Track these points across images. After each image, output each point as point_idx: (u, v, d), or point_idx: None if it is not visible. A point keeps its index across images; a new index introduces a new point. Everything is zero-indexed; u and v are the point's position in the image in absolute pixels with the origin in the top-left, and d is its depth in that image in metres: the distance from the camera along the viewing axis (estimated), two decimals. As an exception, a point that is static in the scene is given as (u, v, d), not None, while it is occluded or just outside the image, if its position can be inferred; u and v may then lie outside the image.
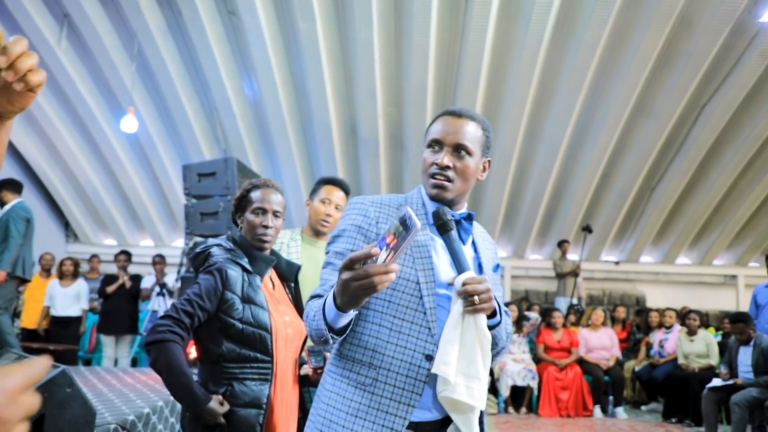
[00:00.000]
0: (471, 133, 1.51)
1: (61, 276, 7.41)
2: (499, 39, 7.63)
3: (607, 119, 8.39)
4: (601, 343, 7.32)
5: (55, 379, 2.49)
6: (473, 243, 1.59)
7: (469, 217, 1.56)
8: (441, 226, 1.46)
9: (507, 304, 7.68)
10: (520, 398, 6.99)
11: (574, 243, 10.07)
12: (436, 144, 1.51)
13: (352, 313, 1.30)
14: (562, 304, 9.07)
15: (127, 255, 7.73)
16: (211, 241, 2.25)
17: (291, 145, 9.04)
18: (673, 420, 6.64)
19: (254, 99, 8.72)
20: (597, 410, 6.86)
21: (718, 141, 8.76)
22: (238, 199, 2.27)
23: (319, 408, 1.47)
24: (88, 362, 8.03)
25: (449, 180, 1.48)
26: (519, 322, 7.33)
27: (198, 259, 2.19)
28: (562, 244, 9.61)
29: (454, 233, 1.45)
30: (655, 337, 7.57)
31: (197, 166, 6.00)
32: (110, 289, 7.35)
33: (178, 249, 8.97)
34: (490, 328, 1.49)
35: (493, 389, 7.03)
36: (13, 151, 9.79)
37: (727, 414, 6.19)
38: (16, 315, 7.69)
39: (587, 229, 9.05)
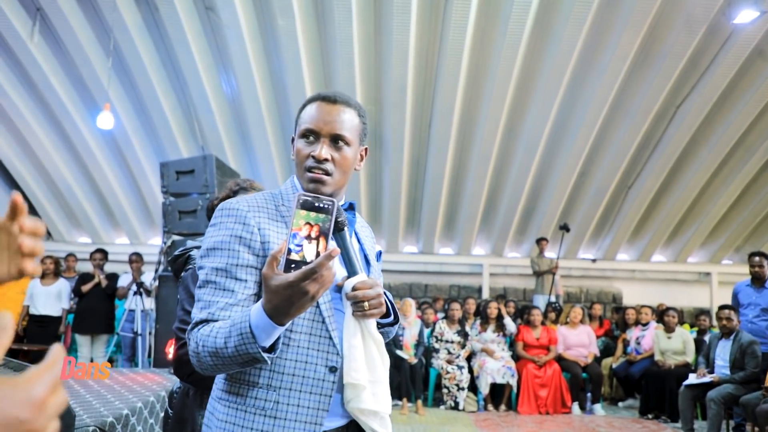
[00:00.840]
0: (349, 121, 1.40)
1: (42, 275, 7.26)
2: (479, 37, 7.65)
3: (585, 118, 8.47)
4: (579, 341, 7.39)
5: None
6: (356, 234, 1.53)
7: (350, 208, 1.48)
8: (336, 225, 1.34)
9: (487, 303, 7.71)
10: (499, 396, 7.03)
11: (552, 241, 10.15)
12: (311, 134, 1.38)
13: (287, 325, 1.17)
14: (540, 301, 9.13)
15: (103, 253, 7.60)
16: (190, 243, 2.22)
17: (269, 142, 8.97)
18: (650, 416, 6.73)
19: (232, 96, 8.63)
20: (575, 407, 6.93)
21: (693, 140, 8.90)
22: (222, 201, 2.24)
23: None
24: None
25: (328, 173, 1.37)
26: (499, 322, 7.36)
27: (177, 262, 2.16)
28: (539, 241, 9.68)
29: (346, 231, 1.37)
30: (632, 334, 7.67)
31: (175, 163, 5.93)
32: (86, 288, 7.23)
33: (155, 247, 8.84)
34: (385, 326, 1.48)
35: (473, 387, 7.06)
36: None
37: (703, 410, 6.29)
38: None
39: (564, 227, 9.14)
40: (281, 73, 8.13)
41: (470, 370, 7.08)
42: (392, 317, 1.47)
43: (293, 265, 1.08)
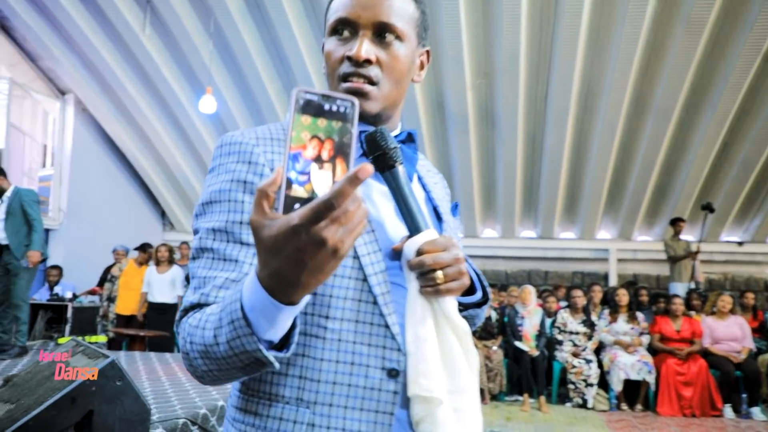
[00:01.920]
0: (400, 6, 0.97)
1: (158, 263, 7.42)
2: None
3: (729, 80, 7.35)
4: (730, 333, 6.40)
5: (103, 372, 2.18)
6: (420, 178, 1.10)
7: (410, 138, 1.04)
8: (381, 159, 0.93)
9: (615, 290, 6.93)
10: (634, 394, 6.25)
11: (690, 222, 9.05)
12: (345, 27, 0.97)
13: (302, 304, 0.72)
14: (678, 290, 8.13)
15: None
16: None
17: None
18: (822, 423, 5.69)
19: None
20: (728, 410, 6.00)
21: None
22: None
23: None
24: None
25: (372, 82, 0.96)
26: (631, 311, 6.56)
27: None
28: (675, 223, 8.61)
29: (402, 168, 0.94)
30: (795, 326, 6.56)
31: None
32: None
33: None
34: (470, 307, 1.02)
35: (603, 383, 6.34)
36: (110, 143, 10.04)
37: None
38: (111, 300, 7.81)
39: (708, 207, 8.04)
40: (385, 49, 7.74)
41: (600, 365, 6.36)
42: (479, 294, 1.01)
43: (297, 205, 0.65)
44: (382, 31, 0.96)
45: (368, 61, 0.94)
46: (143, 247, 7.87)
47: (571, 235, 10.28)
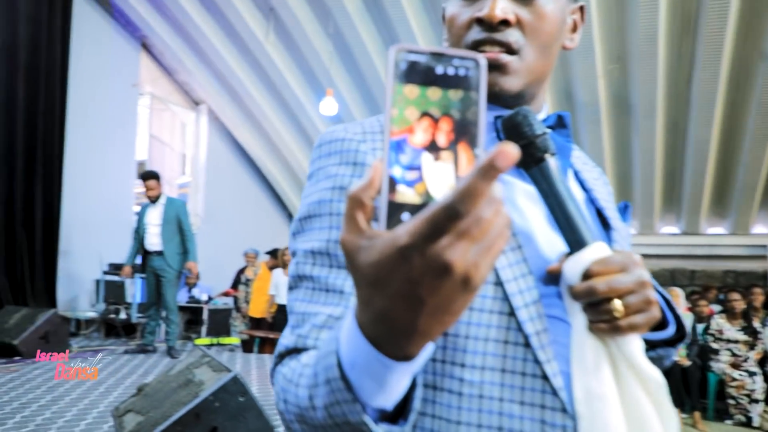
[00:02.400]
0: None
1: (284, 265, 7.59)
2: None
3: None
4: None
5: (226, 387, 2.11)
6: (576, 174, 0.86)
7: (560, 123, 0.79)
8: (524, 151, 0.69)
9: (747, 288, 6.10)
10: (810, 413, 5.45)
11: None
12: None
13: (422, 357, 0.50)
14: None
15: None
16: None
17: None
18: None
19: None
20: None
21: None
22: None
23: None
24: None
25: (512, 50, 0.74)
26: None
27: None
28: None
29: (553, 162, 0.71)
30: None
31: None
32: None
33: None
34: (659, 346, 0.77)
35: (771, 399, 5.58)
36: (240, 149, 10.50)
37: None
38: (246, 303, 8.11)
39: None
40: (508, 39, 7.39)
41: (766, 378, 5.60)
42: (673, 327, 0.77)
43: (405, 215, 0.44)
44: None
45: (506, 22, 0.73)
46: (274, 252, 8.09)
47: (720, 230, 9.29)
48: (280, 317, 7.41)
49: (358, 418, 0.52)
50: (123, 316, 7.12)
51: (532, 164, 0.70)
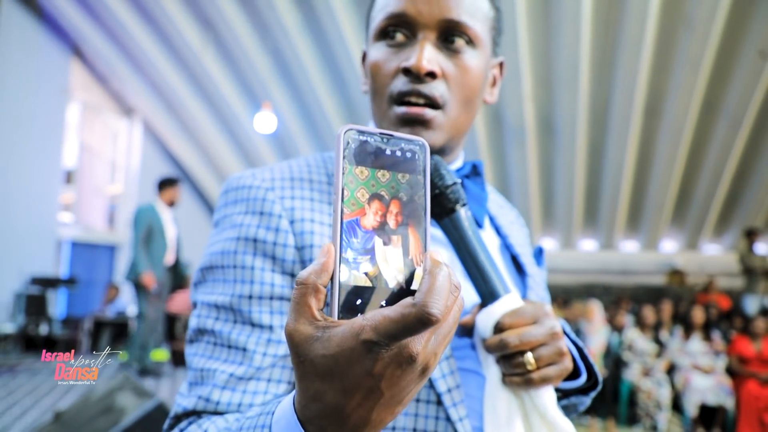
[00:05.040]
0: (472, 3, 0.76)
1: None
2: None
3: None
4: (816, 354, 5.97)
5: (150, 415, 2.17)
6: (492, 220, 0.88)
7: (475, 172, 0.82)
8: (435, 201, 0.71)
9: (690, 306, 6.58)
10: (710, 419, 5.90)
11: (766, 231, 8.56)
12: (399, 27, 0.75)
13: None
14: (752, 304, 7.67)
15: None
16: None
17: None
18: None
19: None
20: (815, 437, 5.58)
21: None
22: None
23: None
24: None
25: (435, 105, 0.74)
26: (706, 330, 6.21)
27: None
28: (750, 234, 8.14)
29: (465, 212, 0.72)
30: None
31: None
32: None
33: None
34: (571, 395, 0.77)
35: (677, 406, 6.01)
36: (173, 159, 10.34)
37: None
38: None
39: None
40: (441, 61, 7.67)
41: (672, 386, 6.03)
42: (584, 376, 0.75)
43: (359, 301, 0.45)
44: (449, 33, 0.75)
45: (432, 75, 0.73)
46: None
47: (633, 246, 9.90)
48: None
49: None
50: (45, 330, 6.87)
51: (443, 214, 0.71)
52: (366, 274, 0.45)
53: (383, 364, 0.42)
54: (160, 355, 6.08)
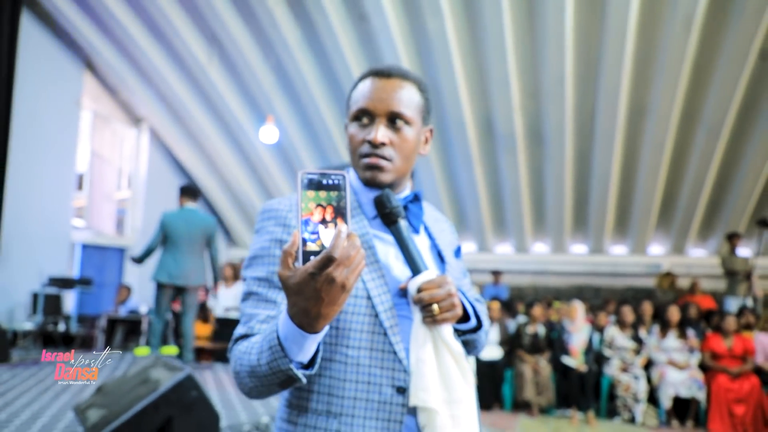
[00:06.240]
0: (408, 97, 1.19)
1: (224, 279, 7.92)
2: (646, 16, 6.97)
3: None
4: (783, 351, 6.36)
5: (181, 383, 2.59)
6: (426, 228, 1.31)
7: (415, 199, 1.26)
8: (387, 216, 1.17)
9: (666, 306, 6.98)
10: (684, 410, 6.29)
11: (747, 236, 8.93)
12: (364, 115, 1.19)
13: (324, 331, 0.97)
14: (733, 305, 8.05)
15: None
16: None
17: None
18: None
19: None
20: (781, 428, 5.96)
21: None
22: None
23: None
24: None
25: (387, 159, 1.18)
26: (682, 328, 6.60)
27: None
28: (731, 238, 8.53)
29: (403, 223, 1.18)
30: None
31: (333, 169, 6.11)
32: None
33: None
34: (464, 333, 1.23)
35: (653, 399, 6.40)
36: (180, 167, 10.77)
37: None
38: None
39: (763, 223, 7.93)
40: (434, 73, 8.08)
41: (648, 380, 6.43)
42: (474, 321, 1.22)
43: (312, 257, 0.89)
44: (394, 119, 1.18)
45: (383, 144, 1.17)
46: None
47: (622, 250, 10.26)
48: (218, 329, 7.75)
49: (287, 366, 0.96)
50: (62, 328, 7.30)
51: (391, 224, 1.17)
52: (316, 244, 0.89)
53: (319, 284, 0.87)
54: (170, 350, 6.48)
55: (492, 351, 6.95)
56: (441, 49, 7.57)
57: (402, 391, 1.09)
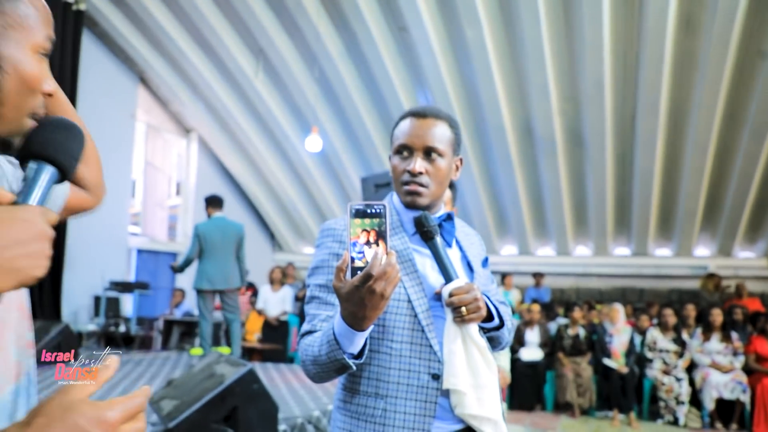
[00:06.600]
0: (440, 133, 1.42)
1: (272, 282, 8.24)
2: (683, 16, 7.00)
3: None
4: (830, 353, 6.29)
5: (244, 377, 2.86)
6: (458, 242, 1.52)
7: (448, 218, 1.48)
8: (424, 234, 1.39)
9: (709, 309, 6.97)
10: (728, 413, 6.28)
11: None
12: (404, 149, 1.42)
13: (369, 330, 1.20)
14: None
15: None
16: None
17: (467, 151, 9.13)
18: None
19: (429, 108, 8.97)
20: (828, 431, 5.91)
21: None
22: None
23: None
24: (291, 360, 8.84)
25: (423, 185, 1.40)
26: (725, 331, 6.58)
27: None
28: (779, 239, 8.42)
29: (438, 239, 1.39)
30: None
31: (374, 177, 6.33)
32: (301, 294, 8.02)
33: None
34: (489, 331, 1.44)
35: (696, 401, 6.41)
36: (228, 174, 11.20)
37: None
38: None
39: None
40: (473, 80, 8.26)
41: (692, 383, 6.44)
42: (497, 321, 1.43)
43: (359, 272, 1.09)
44: (429, 152, 1.40)
45: (420, 173, 1.39)
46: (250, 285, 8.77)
47: (667, 252, 10.20)
48: (267, 330, 8.07)
49: (341, 356, 1.18)
50: (122, 329, 7.75)
51: (428, 240, 1.39)
52: (362, 261, 1.09)
53: (363, 294, 1.08)
54: (223, 350, 6.81)
55: (533, 353, 7.07)
56: (479, 56, 7.74)
57: (436, 377, 1.31)
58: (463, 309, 1.30)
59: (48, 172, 0.69)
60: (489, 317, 1.41)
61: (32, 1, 0.75)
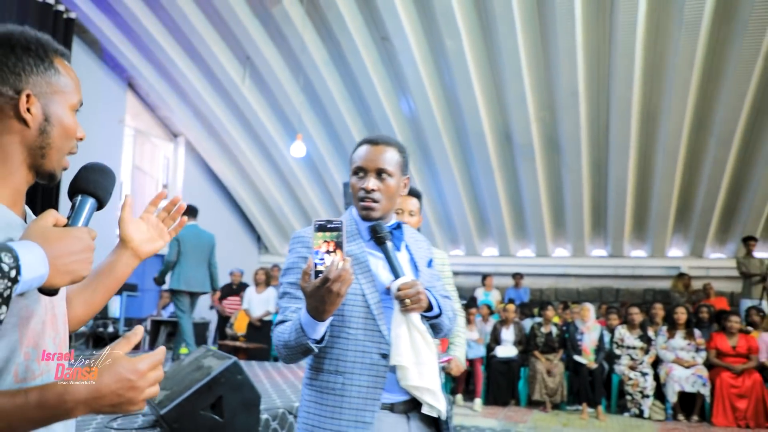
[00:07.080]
0: (390, 157, 1.68)
1: (256, 284, 8.49)
2: (652, 28, 7.35)
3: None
4: (787, 350, 6.65)
5: (229, 368, 3.12)
6: (407, 246, 1.78)
7: (398, 227, 1.74)
8: (378, 239, 1.65)
9: (674, 307, 7.30)
10: (689, 405, 6.63)
11: (763, 240, 9.18)
12: (360, 171, 1.68)
13: (328, 321, 1.47)
14: (747, 306, 8.30)
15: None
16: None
17: (448, 156, 9.44)
18: None
19: (411, 115, 9.28)
20: (783, 422, 6.26)
21: None
22: None
23: (301, 416, 1.67)
24: (276, 359, 9.08)
25: (376, 201, 1.66)
26: (689, 329, 6.93)
27: None
28: (747, 241, 8.78)
29: (389, 243, 1.64)
30: None
31: (355, 183, 6.62)
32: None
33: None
34: (430, 319, 1.69)
35: (660, 395, 6.75)
36: (215, 178, 11.43)
37: None
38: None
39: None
40: (454, 89, 8.56)
41: (656, 377, 6.78)
42: (436, 310, 1.69)
43: (320, 274, 1.36)
44: (380, 173, 1.67)
45: (373, 190, 1.66)
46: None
47: (641, 253, 10.56)
48: (251, 330, 8.30)
49: (306, 341, 1.48)
50: (110, 329, 7.96)
51: (380, 244, 1.65)
52: (322, 266, 1.37)
53: (323, 292, 1.37)
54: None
55: (508, 350, 7.38)
56: (459, 65, 8.05)
57: (385, 356, 1.59)
58: (407, 300, 1.56)
59: (90, 202, 0.99)
60: (430, 308, 1.67)
61: (69, 74, 1.05)
